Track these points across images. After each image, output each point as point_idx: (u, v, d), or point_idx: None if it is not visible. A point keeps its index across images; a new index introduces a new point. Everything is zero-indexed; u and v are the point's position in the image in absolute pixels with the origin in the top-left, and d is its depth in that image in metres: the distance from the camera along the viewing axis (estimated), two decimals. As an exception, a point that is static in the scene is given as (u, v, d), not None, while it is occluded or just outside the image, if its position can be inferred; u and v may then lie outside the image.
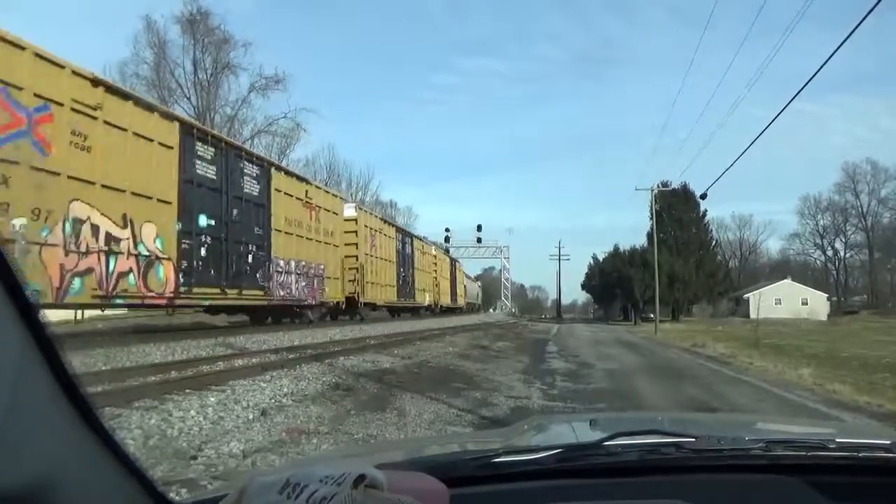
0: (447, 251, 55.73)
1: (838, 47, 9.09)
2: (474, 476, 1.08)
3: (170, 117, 13.58)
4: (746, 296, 63.66)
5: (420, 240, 38.30)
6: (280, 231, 17.75)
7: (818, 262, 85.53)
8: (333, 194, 23.89)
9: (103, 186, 10.92)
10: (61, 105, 10.01)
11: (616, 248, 59.25)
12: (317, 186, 21.90)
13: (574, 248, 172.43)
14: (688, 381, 11.02)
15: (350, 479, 0.71)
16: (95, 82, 10.94)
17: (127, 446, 0.75)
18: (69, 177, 10.11)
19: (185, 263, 13.31)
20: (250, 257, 16.20)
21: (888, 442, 1.20)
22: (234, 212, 15.36)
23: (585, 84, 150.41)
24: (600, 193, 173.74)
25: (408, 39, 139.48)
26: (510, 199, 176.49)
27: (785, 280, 68.10)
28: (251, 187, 16.36)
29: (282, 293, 17.90)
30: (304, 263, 19.42)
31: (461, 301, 54.50)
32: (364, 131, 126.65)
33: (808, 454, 1.15)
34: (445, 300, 45.08)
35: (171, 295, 12.82)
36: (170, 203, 12.93)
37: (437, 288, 41.26)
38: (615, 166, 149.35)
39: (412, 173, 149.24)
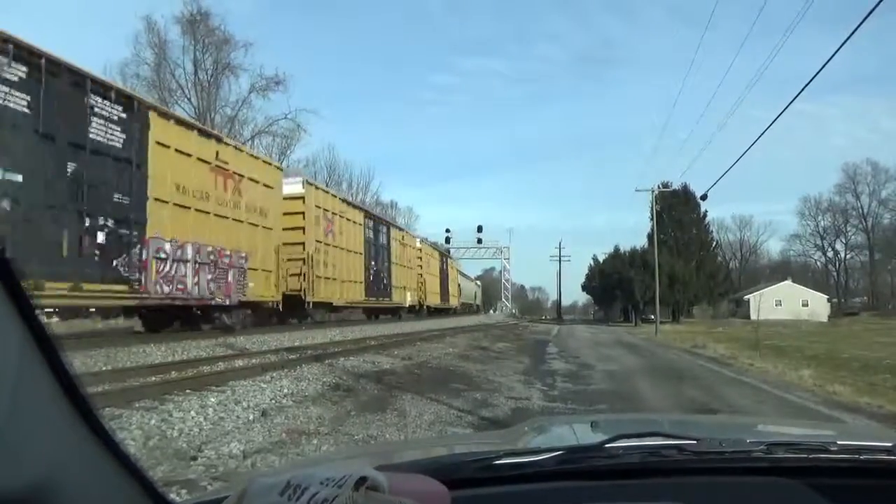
0: (436, 244, 53.19)
1: (837, 49, 9.11)
2: (475, 478, 1.08)
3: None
4: (747, 297, 63.63)
5: (400, 230, 33.74)
6: (166, 202, 12.84)
7: (818, 263, 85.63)
8: (266, 161, 18.44)
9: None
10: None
11: (616, 249, 59.28)
12: (237, 148, 16.45)
13: (574, 248, 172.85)
14: (688, 382, 11.01)
15: (351, 482, 0.71)
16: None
17: (127, 447, 0.75)
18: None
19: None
20: (101, 236, 11.14)
21: (889, 444, 1.20)
22: (71, 167, 10.57)
23: (586, 84, 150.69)
24: (601, 194, 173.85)
25: (407, 40, 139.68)
26: (511, 199, 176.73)
27: (785, 281, 68.09)
28: (108, 135, 11.42)
29: (166, 289, 12.81)
30: (211, 249, 14.32)
31: (454, 301, 50.23)
32: (364, 132, 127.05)
33: (810, 456, 1.15)
34: (434, 300, 40.94)
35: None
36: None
37: (422, 286, 36.78)
38: (616, 167, 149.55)
39: (413, 174, 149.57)
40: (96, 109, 11.16)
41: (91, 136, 10.97)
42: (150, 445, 4.80)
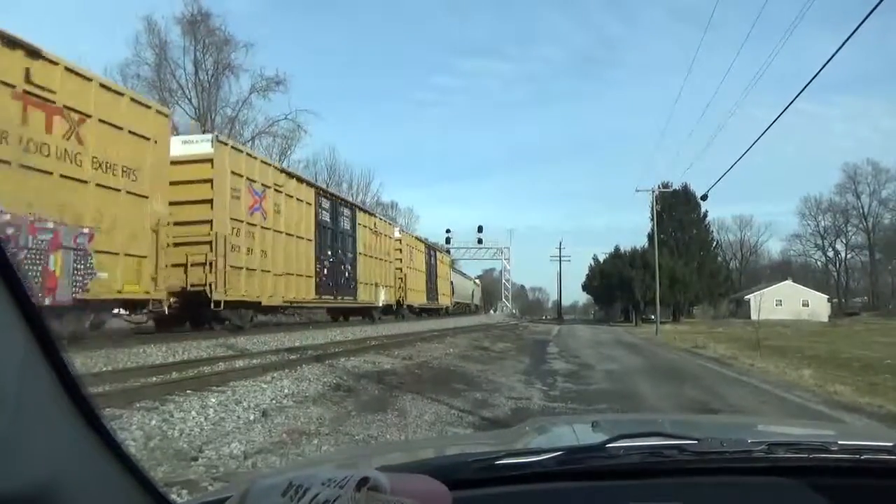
0: (436, 243, 50.54)
1: (834, 53, 9.09)
2: (476, 478, 1.08)
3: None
4: (747, 297, 63.59)
5: (371, 215, 28.05)
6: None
7: (819, 263, 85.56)
8: (137, 101, 12.79)
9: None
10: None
11: (617, 249, 59.30)
12: (78, 74, 10.99)
13: (575, 249, 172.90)
14: (689, 382, 11.01)
15: (353, 482, 0.71)
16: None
17: (128, 447, 0.76)
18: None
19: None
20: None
21: (890, 444, 1.20)
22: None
23: (586, 85, 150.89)
24: (601, 194, 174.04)
25: (408, 41, 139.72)
26: (511, 200, 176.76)
27: (786, 281, 68.05)
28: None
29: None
30: (9, 218, 9.26)
31: (444, 300, 44.93)
32: (365, 133, 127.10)
33: (811, 456, 1.15)
34: (417, 299, 35.72)
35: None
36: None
37: (401, 283, 31.92)
38: (616, 167, 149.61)
39: (413, 175, 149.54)
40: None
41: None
42: (151, 446, 4.80)
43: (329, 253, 21.82)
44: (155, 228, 12.54)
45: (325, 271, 21.29)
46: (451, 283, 49.19)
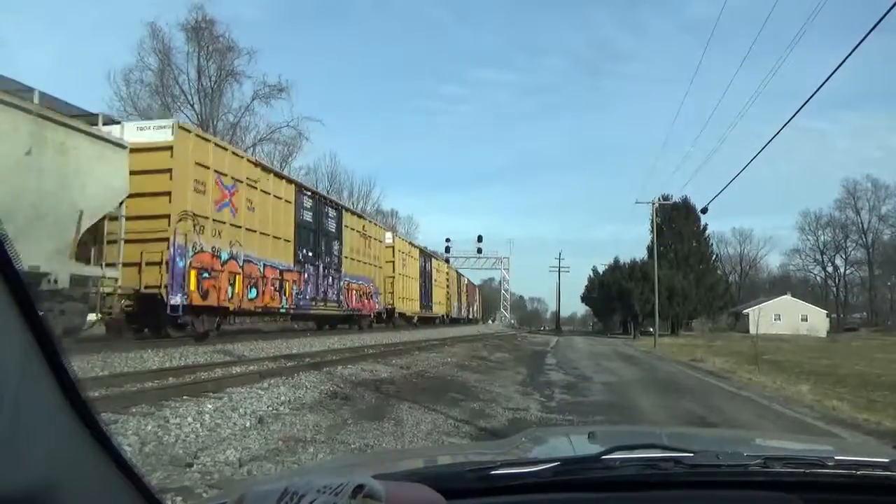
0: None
1: (833, 72, 9.07)
2: (471, 488, 1.08)
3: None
4: (746, 311, 63.58)
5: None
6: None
7: (818, 278, 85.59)
8: None
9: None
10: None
11: (616, 261, 59.27)
12: None
13: (574, 260, 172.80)
14: (686, 395, 10.98)
15: (348, 489, 0.71)
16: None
17: (126, 452, 0.76)
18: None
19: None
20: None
21: (887, 460, 1.20)
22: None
23: (590, 97, 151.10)
24: (602, 206, 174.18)
25: (412, 50, 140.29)
26: (512, 210, 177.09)
27: (785, 296, 68.06)
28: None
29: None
30: None
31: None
32: (367, 141, 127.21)
33: (807, 471, 1.15)
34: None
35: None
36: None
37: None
38: (617, 179, 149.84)
39: (414, 184, 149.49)
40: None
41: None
42: (146, 451, 4.78)
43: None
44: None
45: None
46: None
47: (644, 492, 1.11)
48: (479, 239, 69.82)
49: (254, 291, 16.37)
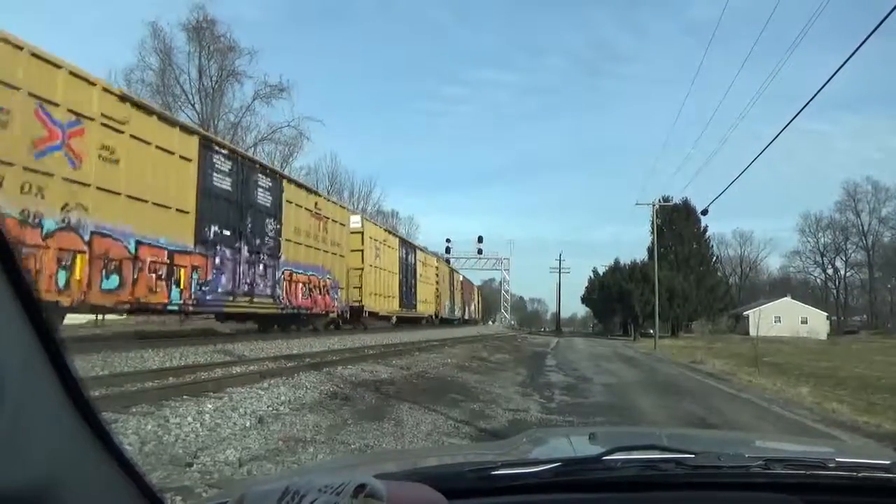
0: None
1: (830, 77, 9.13)
2: (472, 488, 1.08)
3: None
4: (746, 313, 63.54)
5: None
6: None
7: (818, 280, 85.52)
8: None
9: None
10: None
11: (617, 263, 59.27)
12: None
13: (575, 261, 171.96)
14: (687, 397, 10.98)
15: (350, 489, 0.71)
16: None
17: (127, 450, 0.76)
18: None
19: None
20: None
21: (888, 462, 1.20)
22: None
23: (590, 97, 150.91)
24: (603, 207, 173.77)
25: (413, 51, 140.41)
26: (512, 211, 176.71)
27: (785, 298, 68.01)
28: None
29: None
30: None
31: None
32: (367, 141, 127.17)
33: (808, 473, 1.15)
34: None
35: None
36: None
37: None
38: (618, 180, 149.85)
39: (415, 184, 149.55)
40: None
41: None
42: (146, 451, 4.78)
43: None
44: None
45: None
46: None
47: (645, 493, 1.11)
48: (480, 240, 69.86)
49: (114, 279, 11.37)
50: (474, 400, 9.18)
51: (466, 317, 57.46)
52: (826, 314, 68.71)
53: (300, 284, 19.08)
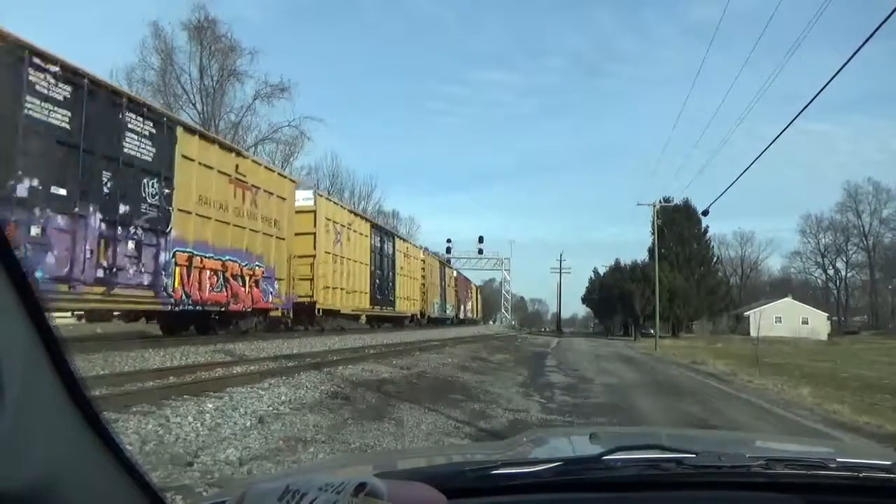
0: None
1: (836, 74, 9.07)
2: (473, 487, 1.08)
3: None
4: (747, 313, 63.48)
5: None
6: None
7: (819, 281, 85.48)
8: None
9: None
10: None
11: (617, 263, 59.34)
12: None
13: (576, 261, 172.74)
14: (687, 397, 10.98)
15: (350, 487, 0.71)
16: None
17: (128, 449, 0.76)
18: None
19: None
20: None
21: (889, 462, 1.20)
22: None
23: (592, 98, 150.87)
24: (603, 207, 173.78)
25: (414, 51, 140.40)
26: (513, 211, 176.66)
27: (785, 298, 67.94)
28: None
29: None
30: None
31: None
32: (368, 141, 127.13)
33: (809, 473, 1.14)
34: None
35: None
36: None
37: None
38: (619, 180, 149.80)
39: (416, 184, 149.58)
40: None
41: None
42: (147, 450, 4.78)
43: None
44: None
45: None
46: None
47: (645, 492, 1.11)
48: (481, 240, 69.84)
49: None
50: (475, 400, 9.18)
51: (462, 316, 53.81)
52: (827, 315, 68.65)
53: (208, 272, 14.08)
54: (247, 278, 15.72)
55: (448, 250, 65.43)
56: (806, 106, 10.44)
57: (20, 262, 0.59)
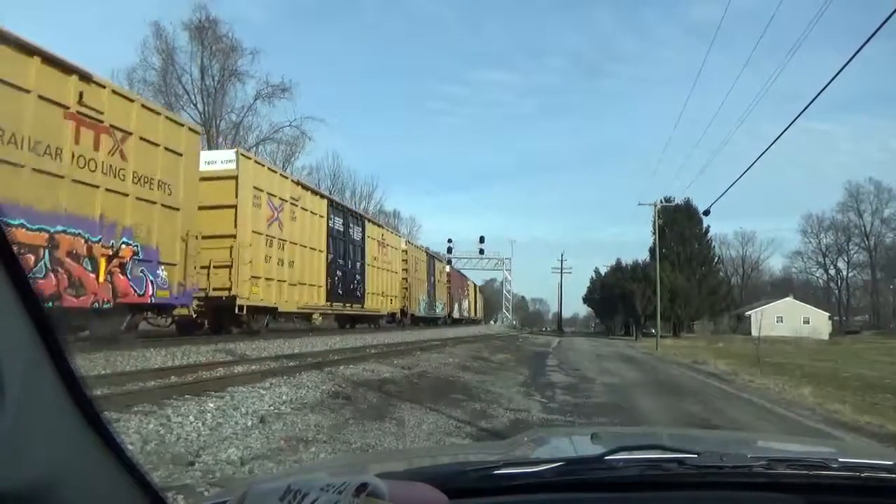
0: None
1: (836, 74, 9.06)
2: (474, 487, 1.08)
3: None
4: (748, 313, 63.46)
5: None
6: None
7: (821, 280, 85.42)
8: None
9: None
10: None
11: (618, 263, 59.33)
12: None
13: (576, 261, 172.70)
14: (689, 397, 10.97)
15: (351, 488, 0.71)
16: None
17: (129, 449, 0.76)
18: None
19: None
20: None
21: (891, 463, 1.20)
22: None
23: (592, 98, 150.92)
24: (605, 207, 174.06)
25: (414, 51, 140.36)
26: (514, 211, 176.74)
27: (787, 298, 67.89)
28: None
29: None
30: None
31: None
32: (370, 141, 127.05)
33: (811, 473, 1.14)
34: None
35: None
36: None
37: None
38: (619, 180, 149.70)
39: (417, 184, 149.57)
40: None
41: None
42: (148, 450, 4.78)
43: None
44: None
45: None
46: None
47: (647, 492, 1.11)
48: (481, 240, 69.85)
49: None
50: (476, 400, 9.18)
51: (457, 316, 49.54)
52: (828, 314, 68.60)
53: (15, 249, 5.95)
54: (100, 260, 10.71)
55: (449, 250, 65.46)
56: (807, 105, 10.44)
57: (20, 262, 0.59)
